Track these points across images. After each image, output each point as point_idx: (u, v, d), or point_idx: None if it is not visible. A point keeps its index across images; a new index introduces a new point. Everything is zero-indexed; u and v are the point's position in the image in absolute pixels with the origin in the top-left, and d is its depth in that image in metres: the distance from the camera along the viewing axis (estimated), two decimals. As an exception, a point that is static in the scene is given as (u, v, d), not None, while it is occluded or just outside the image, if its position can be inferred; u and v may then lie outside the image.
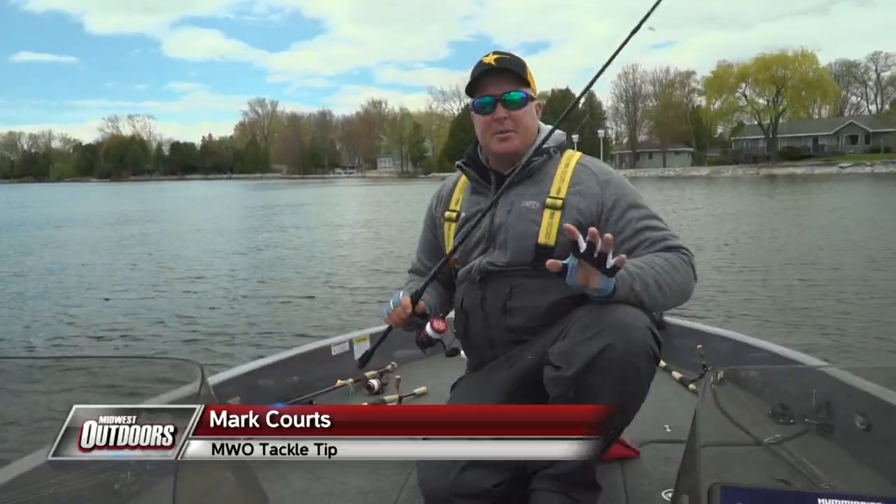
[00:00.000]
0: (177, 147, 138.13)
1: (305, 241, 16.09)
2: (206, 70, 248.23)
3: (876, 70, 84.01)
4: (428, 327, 1.80)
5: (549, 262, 1.51)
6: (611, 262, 1.42)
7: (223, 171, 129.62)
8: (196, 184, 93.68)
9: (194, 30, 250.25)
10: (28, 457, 1.38)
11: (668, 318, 3.07)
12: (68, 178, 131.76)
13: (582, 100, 2.22)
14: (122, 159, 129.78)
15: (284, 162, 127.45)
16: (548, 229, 1.75)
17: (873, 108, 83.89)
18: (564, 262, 1.48)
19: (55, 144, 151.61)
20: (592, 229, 1.40)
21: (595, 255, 1.41)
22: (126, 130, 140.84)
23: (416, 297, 1.82)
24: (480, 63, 1.82)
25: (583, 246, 1.42)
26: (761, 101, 70.83)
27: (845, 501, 0.95)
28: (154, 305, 8.42)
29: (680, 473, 1.38)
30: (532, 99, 1.85)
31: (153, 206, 34.97)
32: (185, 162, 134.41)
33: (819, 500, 0.96)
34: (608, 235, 1.40)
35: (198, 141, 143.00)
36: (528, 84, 1.84)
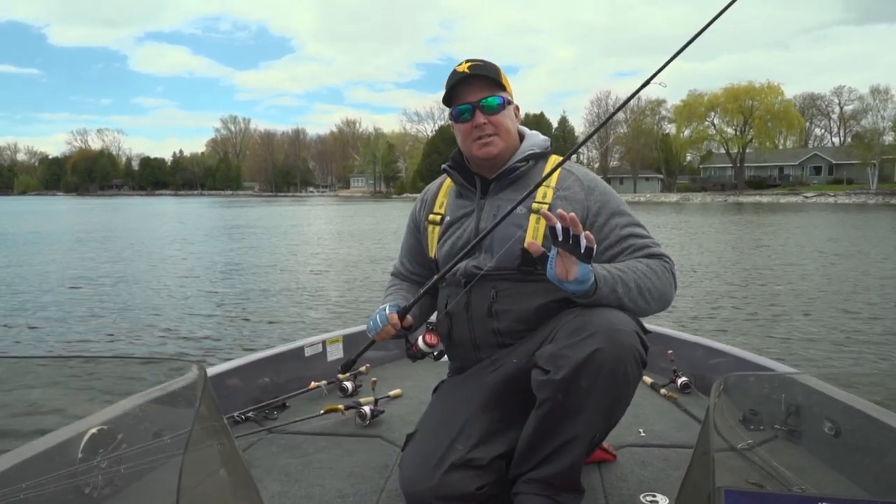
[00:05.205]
0: (147, 162, 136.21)
1: (277, 248, 16.02)
2: (174, 86, 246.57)
3: (839, 103, 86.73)
4: (420, 341, 1.83)
5: (529, 241, 1.57)
6: (583, 243, 1.47)
7: (194, 188, 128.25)
8: (166, 199, 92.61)
9: (161, 45, 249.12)
10: (22, 453, 1.35)
11: None
12: (33, 192, 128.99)
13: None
14: (89, 173, 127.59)
15: (256, 179, 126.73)
16: (534, 234, 1.77)
17: (836, 140, 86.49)
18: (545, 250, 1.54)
19: (20, 157, 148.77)
20: (571, 214, 1.46)
21: (570, 240, 1.47)
22: (95, 144, 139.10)
23: (403, 314, 1.83)
24: (454, 72, 1.84)
25: (560, 232, 1.48)
26: (729, 130, 72.43)
27: None
28: (129, 314, 8.31)
29: (685, 479, 1.40)
30: (510, 102, 1.87)
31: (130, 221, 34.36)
32: (154, 177, 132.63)
33: None
34: (573, 215, 1.47)
35: (166, 156, 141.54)
36: (503, 88, 1.85)
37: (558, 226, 1.49)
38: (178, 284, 10.76)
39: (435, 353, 1.86)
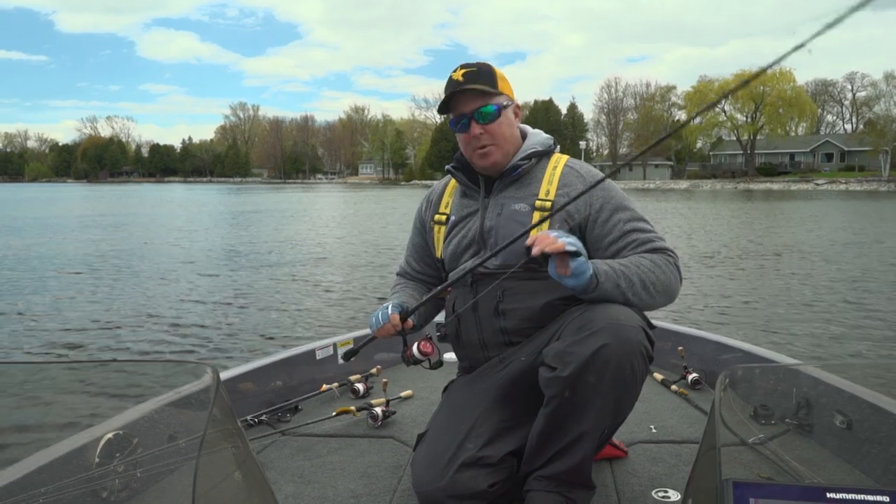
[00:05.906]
0: (156, 149, 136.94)
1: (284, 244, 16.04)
2: (182, 72, 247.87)
3: (852, 90, 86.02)
4: (415, 348, 1.83)
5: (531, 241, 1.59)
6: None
7: (203, 174, 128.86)
8: (176, 186, 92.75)
9: (168, 31, 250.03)
10: (39, 458, 1.36)
11: None
12: (44, 179, 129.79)
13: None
14: (99, 160, 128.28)
15: (265, 166, 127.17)
16: (538, 231, 1.75)
17: (849, 126, 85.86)
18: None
19: (30, 144, 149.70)
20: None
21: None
22: (104, 131, 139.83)
23: (405, 315, 1.83)
24: (450, 81, 1.83)
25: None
26: (740, 116, 71.95)
27: (853, 495, 0.95)
28: (140, 309, 8.35)
29: (692, 473, 1.40)
30: (507, 106, 1.86)
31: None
32: (164, 164, 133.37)
33: (828, 494, 0.96)
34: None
35: (175, 143, 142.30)
36: (500, 93, 1.84)
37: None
38: (187, 280, 10.67)
39: (431, 362, 1.85)
